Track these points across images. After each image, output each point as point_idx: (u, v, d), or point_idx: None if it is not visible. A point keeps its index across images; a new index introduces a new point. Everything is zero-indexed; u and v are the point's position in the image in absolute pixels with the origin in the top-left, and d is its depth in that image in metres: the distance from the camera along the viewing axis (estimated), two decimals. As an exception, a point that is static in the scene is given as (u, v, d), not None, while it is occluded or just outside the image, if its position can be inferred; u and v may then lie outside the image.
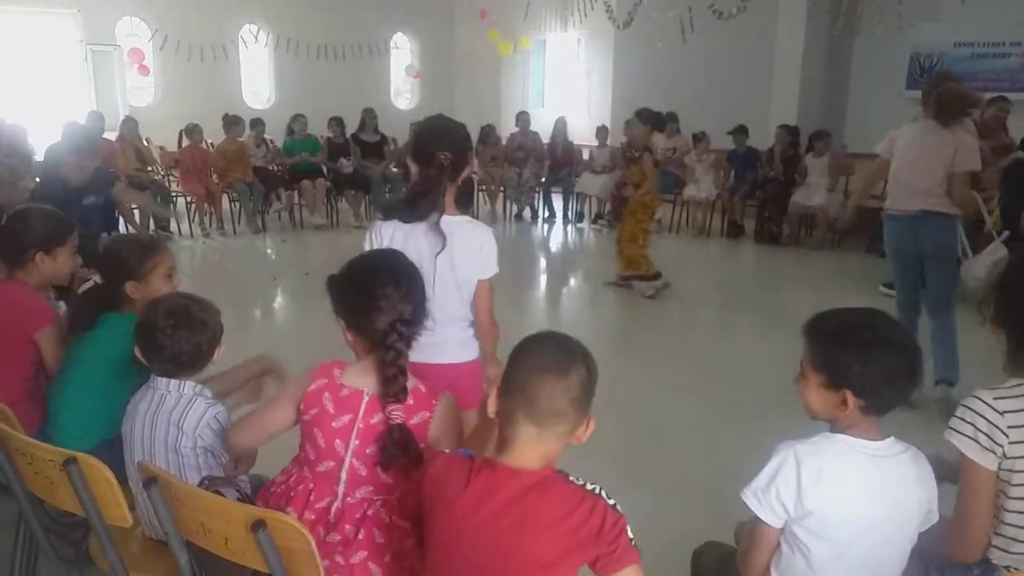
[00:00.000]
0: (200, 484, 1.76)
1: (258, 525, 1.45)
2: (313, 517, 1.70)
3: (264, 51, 12.76)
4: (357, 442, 1.69)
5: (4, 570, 2.23)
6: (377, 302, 1.71)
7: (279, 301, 6.64)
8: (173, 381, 1.96)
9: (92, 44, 11.28)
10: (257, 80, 12.98)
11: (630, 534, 1.38)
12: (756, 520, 1.61)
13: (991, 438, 1.65)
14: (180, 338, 1.94)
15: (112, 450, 2.02)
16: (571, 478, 1.42)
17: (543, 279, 7.91)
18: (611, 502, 1.39)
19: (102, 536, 1.74)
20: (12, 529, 2.18)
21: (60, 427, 2.26)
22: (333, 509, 1.70)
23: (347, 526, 1.68)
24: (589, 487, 1.40)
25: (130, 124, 8.91)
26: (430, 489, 1.48)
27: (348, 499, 1.70)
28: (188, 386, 1.97)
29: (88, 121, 8.33)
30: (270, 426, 1.81)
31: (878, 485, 1.56)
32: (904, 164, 4.05)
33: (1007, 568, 1.74)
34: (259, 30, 12.52)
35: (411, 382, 1.73)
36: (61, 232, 2.58)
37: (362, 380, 1.73)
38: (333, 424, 1.70)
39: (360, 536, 1.67)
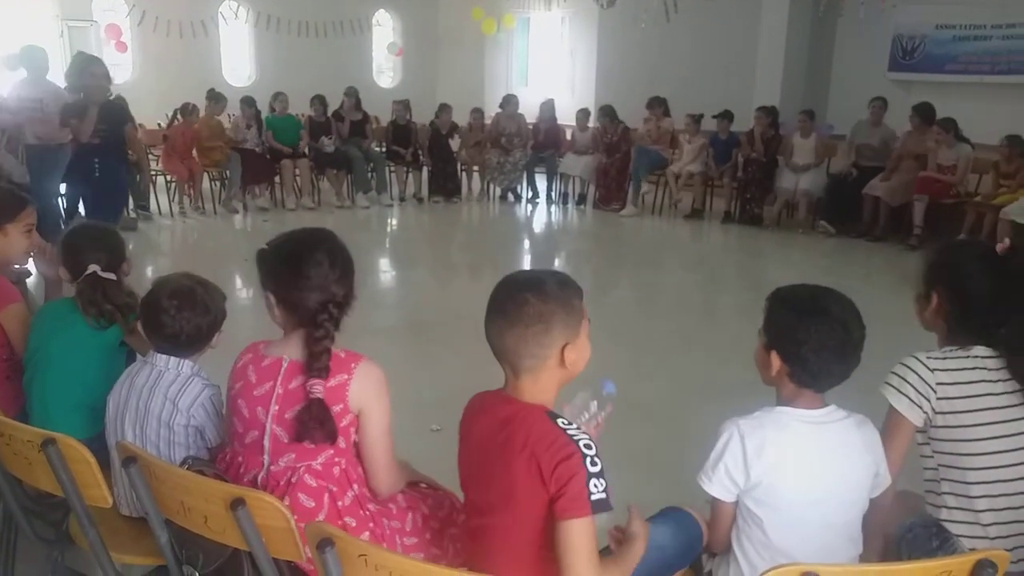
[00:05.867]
0: (182, 464, 1.77)
1: (237, 503, 1.46)
2: None
3: (244, 28, 12.59)
4: (277, 407, 1.71)
5: (-17, 551, 2.23)
6: (311, 281, 1.72)
7: (250, 281, 6.58)
8: (172, 359, 1.98)
9: (68, 19, 11.07)
10: (237, 57, 12.81)
11: (592, 489, 1.37)
12: (711, 497, 1.68)
13: (919, 392, 1.80)
14: (182, 319, 1.97)
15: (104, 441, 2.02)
16: (560, 421, 1.44)
17: (527, 259, 7.92)
18: (589, 452, 1.39)
19: (82, 516, 1.74)
20: (-9, 510, 2.18)
21: (49, 421, 2.16)
22: (259, 479, 1.73)
23: (273, 490, 1.70)
24: (573, 433, 1.41)
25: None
26: (465, 414, 1.62)
27: (272, 467, 1.73)
28: (187, 365, 2.00)
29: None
30: None
31: (821, 451, 1.62)
32: None
33: (962, 538, 1.80)
34: (239, 6, 12.34)
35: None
36: (12, 207, 2.52)
37: (283, 350, 1.76)
38: (255, 393, 1.74)
39: (286, 501, 1.69)
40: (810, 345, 1.59)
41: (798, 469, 1.60)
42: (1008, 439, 1.78)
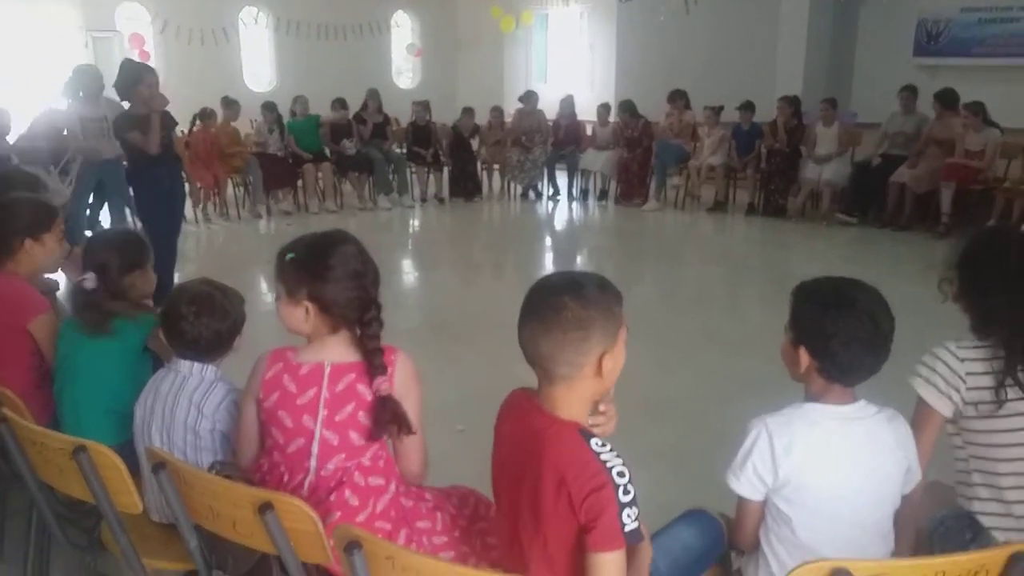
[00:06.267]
0: (210, 469, 1.79)
1: (265, 508, 1.47)
2: None
3: (264, 33, 12.70)
4: (326, 412, 1.73)
5: (19, 557, 2.27)
6: (342, 271, 1.75)
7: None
8: (196, 364, 2.01)
9: (92, 30, 11.25)
10: (258, 62, 12.92)
11: (625, 520, 1.33)
12: (739, 496, 1.65)
13: (948, 382, 1.76)
14: (201, 325, 1.99)
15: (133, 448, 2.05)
16: (594, 443, 1.38)
17: (549, 257, 7.91)
18: (621, 481, 1.34)
19: (113, 523, 1.76)
20: (25, 517, 2.21)
21: (80, 430, 2.17)
22: (307, 483, 1.74)
23: (322, 492, 1.72)
24: (606, 459, 1.36)
25: None
26: (501, 411, 1.58)
27: (321, 472, 1.74)
28: (210, 370, 2.03)
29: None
30: (250, 429, 1.84)
31: (851, 447, 1.59)
32: None
33: (995, 530, 1.78)
34: (259, 12, 12.45)
35: None
36: (47, 217, 2.59)
37: (320, 355, 1.77)
38: (298, 402, 1.74)
39: (332, 498, 1.70)
40: (839, 339, 1.56)
41: (827, 466, 1.57)
42: None
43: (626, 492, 1.34)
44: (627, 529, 1.33)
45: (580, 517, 1.34)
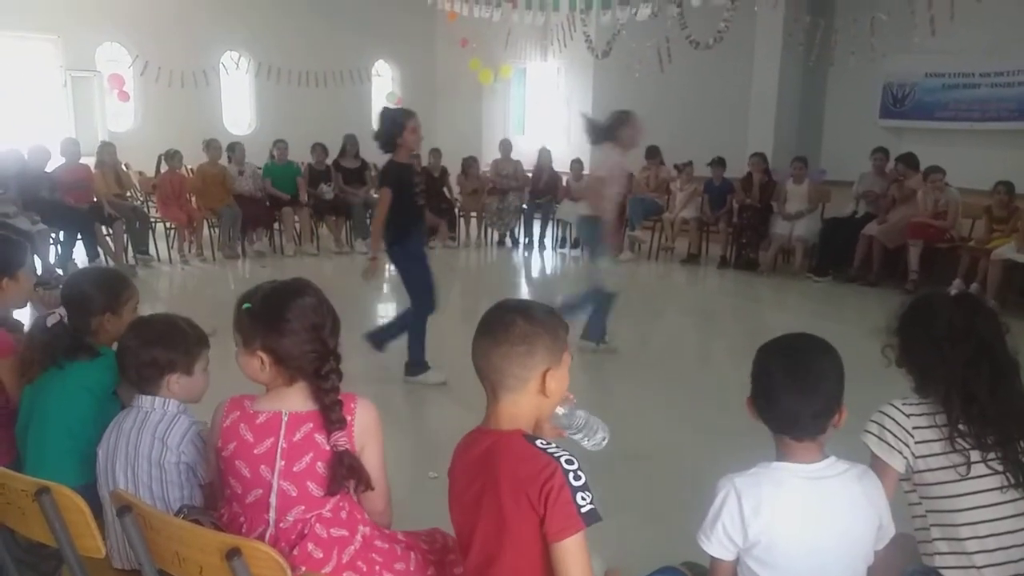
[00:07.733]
0: (178, 513, 1.76)
1: (233, 553, 1.44)
2: None
3: (245, 77, 12.78)
4: (283, 463, 1.69)
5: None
6: (306, 334, 1.72)
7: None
8: (157, 399, 1.99)
9: (72, 70, 11.24)
10: (238, 106, 12.98)
11: (580, 502, 1.40)
12: (711, 556, 1.65)
13: (898, 437, 1.82)
14: (137, 348, 1.99)
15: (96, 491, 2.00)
16: (538, 442, 1.49)
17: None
18: (570, 467, 1.42)
19: (75, 567, 1.71)
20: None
21: (43, 469, 2.11)
22: (267, 535, 1.70)
23: (284, 546, 1.68)
24: (553, 451, 1.45)
25: (109, 148, 8.84)
26: (454, 453, 1.64)
27: (281, 524, 1.70)
28: (173, 403, 2.00)
29: (63, 148, 8.28)
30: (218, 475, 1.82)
31: (821, 505, 1.59)
32: None
33: None
34: (240, 57, 12.55)
35: None
36: (19, 255, 2.56)
37: (277, 404, 1.74)
38: (255, 452, 1.71)
39: (295, 552, 1.67)
40: (773, 386, 1.60)
41: (798, 526, 1.57)
42: (989, 478, 1.78)
43: (577, 477, 1.43)
44: (584, 510, 1.40)
45: (539, 510, 1.40)
